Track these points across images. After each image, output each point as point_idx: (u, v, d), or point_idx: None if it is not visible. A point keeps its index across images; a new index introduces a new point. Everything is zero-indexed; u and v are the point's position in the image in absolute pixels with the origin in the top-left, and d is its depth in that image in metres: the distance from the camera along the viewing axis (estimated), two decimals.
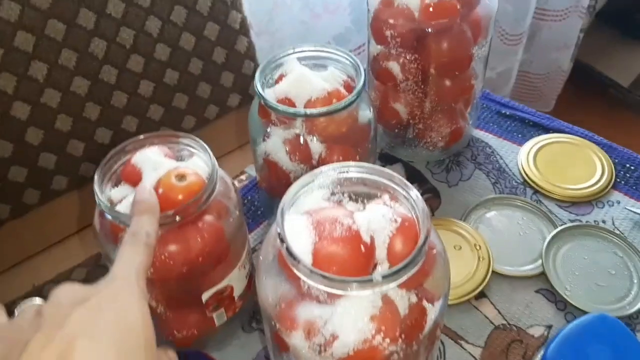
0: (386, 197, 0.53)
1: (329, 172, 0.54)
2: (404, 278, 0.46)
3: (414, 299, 0.51)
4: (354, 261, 0.49)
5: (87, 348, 0.41)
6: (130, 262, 0.48)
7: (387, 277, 0.45)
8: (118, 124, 1.19)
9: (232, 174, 0.98)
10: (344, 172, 0.54)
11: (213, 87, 1.28)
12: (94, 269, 1.17)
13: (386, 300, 0.49)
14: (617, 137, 0.96)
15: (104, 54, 1.11)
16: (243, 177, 0.94)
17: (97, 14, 1.07)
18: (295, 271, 0.47)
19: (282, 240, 0.48)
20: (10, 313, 0.83)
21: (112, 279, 0.47)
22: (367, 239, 0.49)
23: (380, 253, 0.50)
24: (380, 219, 0.50)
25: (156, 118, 1.23)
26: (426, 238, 0.47)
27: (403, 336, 0.49)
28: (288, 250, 0.47)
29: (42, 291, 1.14)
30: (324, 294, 0.48)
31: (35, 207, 1.17)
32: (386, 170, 0.53)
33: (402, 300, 0.50)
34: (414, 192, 0.51)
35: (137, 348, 0.43)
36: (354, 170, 0.53)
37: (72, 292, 0.45)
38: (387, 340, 0.48)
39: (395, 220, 0.50)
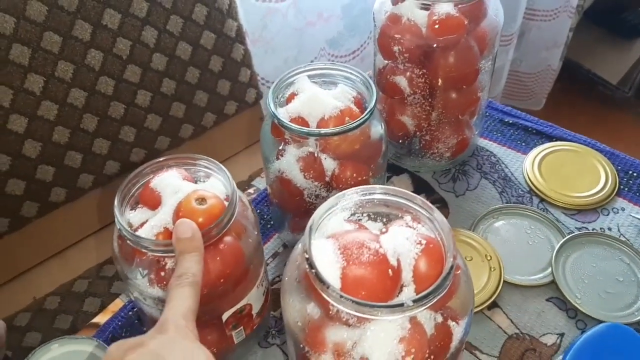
0: (408, 218, 0.54)
1: (352, 195, 0.54)
2: (434, 301, 0.47)
3: (439, 319, 0.52)
4: (382, 285, 0.49)
5: None
6: (179, 308, 0.50)
7: (417, 301, 0.46)
8: (116, 134, 1.19)
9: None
10: (367, 194, 0.54)
11: (210, 96, 1.29)
12: (95, 281, 1.17)
13: (414, 322, 0.50)
14: (606, 134, 0.98)
15: (101, 65, 1.11)
16: (251, 190, 0.94)
17: (93, 25, 1.07)
18: (325, 296, 0.48)
19: (312, 266, 0.48)
20: (10, 328, 0.83)
21: (165, 326, 0.49)
22: (394, 262, 0.50)
23: (406, 275, 0.51)
24: (404, 241, 0.51)
25: (154, 128, 1.23)
26: (454, 261, 0.48)
27: (432, 357, 0.50)
28: (317, 275, 0.48)
29: (43, 304, 1.13)
30: (353, 318, 0.49)
31: (33, 220, 1.16)
32: (408, 192, 0.54)
33: (429, 321, 0.51)
34: (438, 214, 0.52)
35: None
36: (377, 192, 0.54)
37: (123, 344, 0.47)
38: None
39: (420, 243, 0.51)
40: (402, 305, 0.46)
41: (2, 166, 1.06)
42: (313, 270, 0.48)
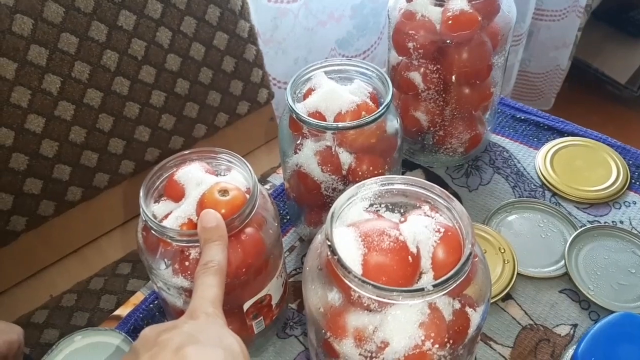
0: (426, 207, 0.56)
1: (372, 185, 0.56)
2: (453, 286, 0.48)
3: (457, 305, 0.53)
4: (402, 271, 0.51)
5: (199, 352, 0.43)
6: (207, 296, 0.52)
7: (437, 286, 0.48)
8: (131, 134, 1.20)
9: None
10: (386, 184, 0.56)
11: (223, 96, 1.30)
12: (111, 278, 1.19)
13: (433, 307, 0.51)
14: (615, 132, 0.99)
15: (116, 65, 1.12)
16: (267, 186, 0.96)
17: (108, 27, 1.09)
18: (347, 281, 0.49)
19: (334, 253, 0.50)
20: (28, 325, 0.84)
21: (195, 313, 0.51)
22: (413, 249, 0.52)
23: (425, 262, 0.52)
24: (423, 229, 0.53)
25: (168, 127, 1.25)
26: (472, 247, 0.50)
27: (451, 341, 0.51)
28: (340, 261, 0.49)
29: (60, 302, 1.15)
30: (375, 303, 0.50)
31: (50, 219, 1.18)
32: (427, 182, 0.55)
33: (447, 307, 0.52)
34: (456, 203, 0.54)
35: (241, 359, 0.47)
36: (397, 182, 0.55)
37: (156, 327, 0.49)
38: (437, 345, 0.50)
39: (439, 231, 0.53)
40: (422, 289, 0.47)
41: (20, 165, 1.08)
42: (335, 257, 0.50)
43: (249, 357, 0.49)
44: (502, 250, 0.81)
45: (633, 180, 0.91)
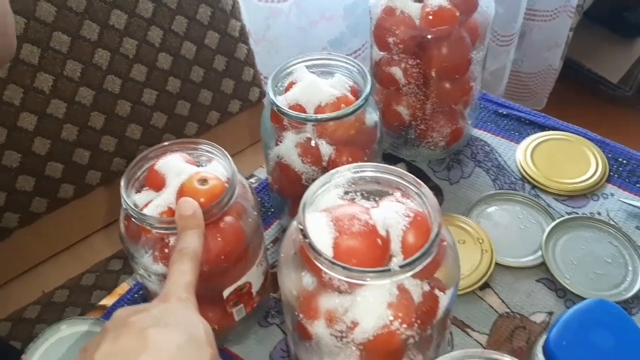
0: (398, 194, 0.57)
1: (345, 172, 0.57)
2: (419, 268, 0.50)
3: (426, 287, 0.55)
4: (372, 254, 0.52)
5: (162, 333, 0.45)
6: (180, 282, 0.54)
7: (404, 267, 0.49)
8: (122, 132, 1.22)
9: None
10: (359, 171, 0.57)
11: (214, 94, 1.32)
12: (103, 274, 1.20)
13: (401, 289, 0.53)
14: (608, 132, 1.00)
15: (108, 64, 1.14)
16: (253, 180, 0.98)
17: (100, 26, 1.10)
18: (318, 264, 0.51)
19: (305, 236, 0.51)
20: (20, 320, 0.85)
21: (167, 297, 0.52)
22: (383, 233, 0.53)
23: (395, 246, 0.54)
24: (394, 214, 0.54)
25: (159, 125, 1.26)
26: (439, 230, 0.51)
27: (418, 322, 0.53)
28: (310, 244, 0.51)
29: (52, 297, 1.16)
30: (345, 284, 0.52)
31: (43, 215, 1.19)
32: (398, 169, 0.57)
33: (416, 289, 0.54)
34: (426, 189, 0.55)
35: (204, 344, 0.48)
36: (369, 169, 0.57)
37: (128, 308, 0.51)
38: (404, 325, 0.52)
39: (408, 215, 0.54)
40: (389, 270, 0.49)
41: (12, 163, 1.10)
42: (307, 240, 0.51)
43: (214, 343, 0.50)
44: (481, 241, 0.82)
45: (611, 173, 0.92)
